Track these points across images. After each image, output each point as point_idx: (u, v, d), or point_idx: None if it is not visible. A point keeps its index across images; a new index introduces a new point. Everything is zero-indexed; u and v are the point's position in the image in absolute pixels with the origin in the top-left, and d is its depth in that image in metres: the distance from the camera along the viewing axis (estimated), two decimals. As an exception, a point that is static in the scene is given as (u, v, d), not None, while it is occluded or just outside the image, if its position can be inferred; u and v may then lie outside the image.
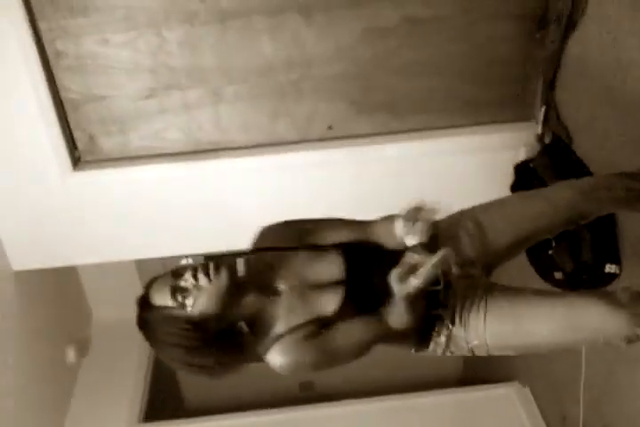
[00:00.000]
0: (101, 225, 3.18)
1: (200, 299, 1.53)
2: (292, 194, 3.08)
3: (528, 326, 1.74)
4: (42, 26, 2.68)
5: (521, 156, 3.08)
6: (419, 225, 1.69)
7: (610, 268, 2.62)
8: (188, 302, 1.53)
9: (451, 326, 1.75)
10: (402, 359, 5.54)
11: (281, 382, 5.50)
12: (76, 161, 3.01)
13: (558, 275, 2.79)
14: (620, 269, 2.60)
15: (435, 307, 1.75)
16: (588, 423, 3.14)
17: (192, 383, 5.63)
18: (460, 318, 1.76)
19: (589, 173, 2.67)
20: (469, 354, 1.80)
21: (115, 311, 4.57)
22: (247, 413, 4.08)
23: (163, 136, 2.98)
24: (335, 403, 4.08)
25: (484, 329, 1.74)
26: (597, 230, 2.58)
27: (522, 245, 1.99)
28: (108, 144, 2.99)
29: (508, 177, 3.05)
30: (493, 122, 3.07)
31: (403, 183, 3.16)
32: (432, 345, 1.78)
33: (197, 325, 1.53)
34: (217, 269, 1.56)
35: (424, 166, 3.13)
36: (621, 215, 2.55)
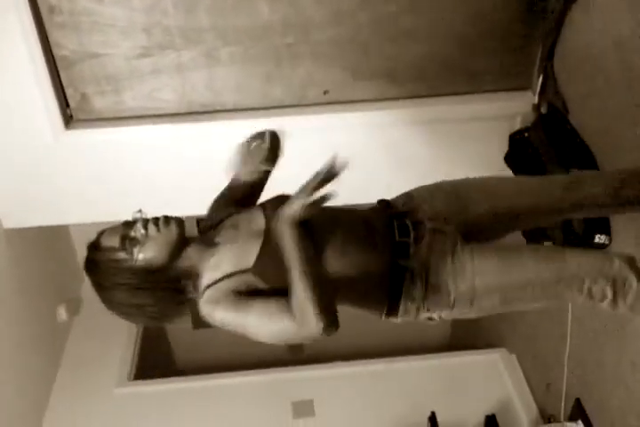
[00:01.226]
0: (93, 185, 3.17)
1: (147, 247, 1.61)
2: (285, 158, 3.07)
3: (514, 261, 1.74)
4: (35, -20, 2.64)
5: (516, 125, 3.08)
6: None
7: (599, 238, 2.63)
8: (136, 249, 1.60)
9: (424, 276, 1.70)
10: (391, 325, 5.61)
11: (271, 345, 5.57)
12: (69, 119, 2.99)
13: (548, 244, 2.81)
14: (610, 240, 2.61)
15: (403, 257, 1.71)
16: (570, 390, 3.20)
17: (183, 343, 5.69)
18: (439, 269, 1.71)
19: (584, 144, 2.67)
20: (448, 309, 1.73)
21: (107, 271, 4.59)
22: (236, 373, 4.13)
23: (156, 96, 2.95)
24: (323, 365, 4.14)
25: (473, 273, 1.71)
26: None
27: (500, 221, 1.93)
28: (100, 103, 2.96)
29: (503, 146, 3.05)
30: (490, 90, 3.05)
31: (397, 150, 3.15)
32: (405, 304, 1.72)
33: (141, 271, 1.61)
34: (167, 222, 1.65)
35: (419, 133, 3.12)
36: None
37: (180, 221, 1.67)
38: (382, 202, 1.89)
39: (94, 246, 1.66)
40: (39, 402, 3.81)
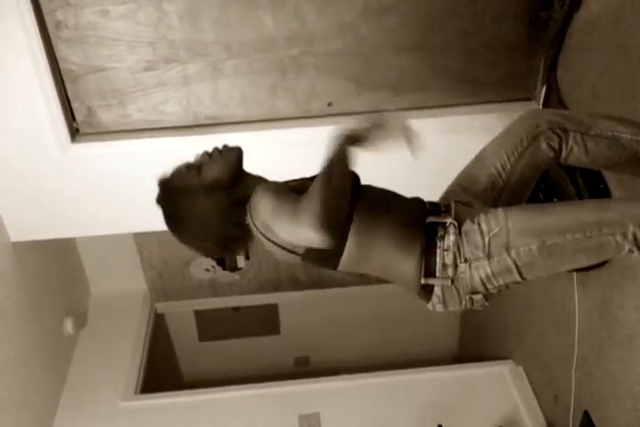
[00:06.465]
0: (99, 198, 3.18)
1: (212, 166, 1.80)
2: (290, 170, 3.08)
3: (549, 209, 1.75)
4: (42, -4, 2.67)
5: (520, 135, 3.08)
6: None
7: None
8: (203, 169, 1.80)
9: (456, 224, 1.75)
10: (398, 337, 5.60)
11: (277, 358, 5.57)
12: (75, 133, 3.02)
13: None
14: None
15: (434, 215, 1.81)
16: (578, 403, 3.18)
17: (189, 356, 5.69)
18: (472, 218, 1.75)
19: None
20: (485, 259, 1.71)
21: (113, 284, 4.59)
22: (243, 386, 4.11)
23: (161, 109, 2.98)
24: (329, 378, 4.12)
25: (505, 216, 1.71)
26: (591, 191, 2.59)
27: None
28: (106, 116, 2.99)
29: (507, 157, 3.04)
30: (493, 101, 3.06)
31: (400, 161, 3.15)
32: (442, 258, 1.74)
33: (209, 189, 1.77)
34: (227, 147, 1.86)
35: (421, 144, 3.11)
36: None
37: (239, 149, 1.85)
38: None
39: (164, 180, 1.84)
40: (45, 415, 3.80)
